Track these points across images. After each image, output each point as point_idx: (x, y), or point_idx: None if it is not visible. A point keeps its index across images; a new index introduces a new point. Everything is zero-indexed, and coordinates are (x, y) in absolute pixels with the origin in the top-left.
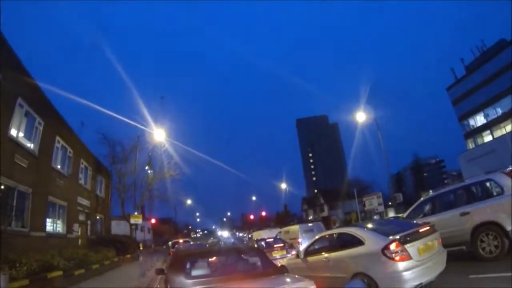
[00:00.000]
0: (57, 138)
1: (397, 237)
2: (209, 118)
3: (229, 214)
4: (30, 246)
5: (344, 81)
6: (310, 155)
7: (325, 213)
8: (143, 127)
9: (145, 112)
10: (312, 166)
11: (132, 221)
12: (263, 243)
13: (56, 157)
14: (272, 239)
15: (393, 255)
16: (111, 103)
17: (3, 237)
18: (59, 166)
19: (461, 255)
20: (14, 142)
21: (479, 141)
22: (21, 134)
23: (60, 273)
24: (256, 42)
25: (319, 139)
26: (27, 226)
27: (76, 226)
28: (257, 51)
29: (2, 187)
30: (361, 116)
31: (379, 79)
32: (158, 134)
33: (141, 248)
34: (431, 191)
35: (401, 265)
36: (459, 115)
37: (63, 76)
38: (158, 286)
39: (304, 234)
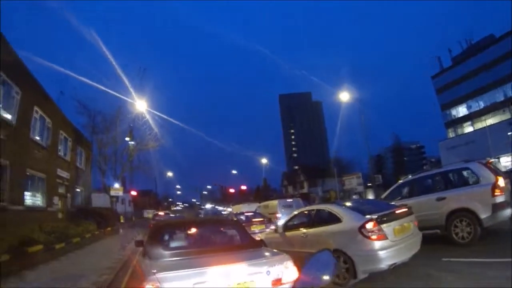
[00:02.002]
0: (36, 108)
1: (374, 216)
2: (192, 92)
3: (209, 187)
4: (9, 220)
5: (329, 63)
6: (292, 131)
7: (305, 190)
8: (124, 98)
9: (127, 83)
10: (294, 143)
11: (113, 193)
12: (242, 217)
13: (35, 128)
14: (251, 213)
15: (369, 234)
16: (92, 74)
17: None
18: (37, 138)
19: (435, 238)
20: None
21: (460, 131)
22: None
23: (40, 247)
24: (242, 19)
25: (302, 116)
26: (5, 200)
27: (55, 199)
28: (242, 27)
29: None
30: (344, 96)
31: (365, 62)
32: (140, 105)
33: (121, 221)
34: (410, 175)
35: (377, 244)
36: (441, 104)
37: (42, 44)
38: (138, 258)
39: (283, 209)
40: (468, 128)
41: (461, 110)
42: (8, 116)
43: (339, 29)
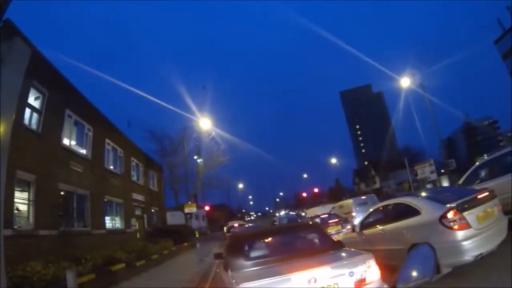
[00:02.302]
0: (107, 140)
1: (454, 204)
2: (253, 101)
3: (281, 194)
4: (93, 243)
5: (385, 47)
6: (357, 126)
7: (377, 185)
8: (189, 116)
9: (189, 102)
10: (361, 138)
11: (186, 210)
12: (317, 219)
13: (108, 158)
14: (326, 215)
15: (451, 223)
16: (154, 96)
17: (68, 237)
18: (111, 167)
19: None
20: (68, 150)
21: None
22: (73, 142)
23: (123, 265)
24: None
25: (365, 110)
26: (88, 225)
27: (133, 221)
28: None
29: (63, 193)
30: (405, 81)
31: (420, 42)
32: (204, 123)
33: (197, 236)
34: (485, 155)
35: (460, 234)
36: (511, 70)
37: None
38: (217, 270)
39: (358, 208)
40: None
41: None
42: (84, 151)
43: (388, 11)
